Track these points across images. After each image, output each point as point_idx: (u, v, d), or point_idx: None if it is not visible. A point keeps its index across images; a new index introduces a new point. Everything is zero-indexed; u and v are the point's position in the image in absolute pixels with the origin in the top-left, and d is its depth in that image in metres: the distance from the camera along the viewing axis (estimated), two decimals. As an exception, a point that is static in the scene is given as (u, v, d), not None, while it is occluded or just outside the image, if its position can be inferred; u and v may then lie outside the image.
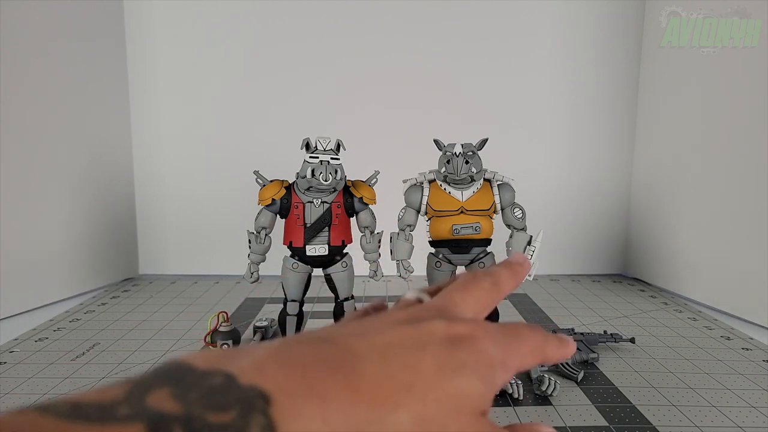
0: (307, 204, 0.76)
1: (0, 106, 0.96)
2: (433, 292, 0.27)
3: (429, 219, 0.79)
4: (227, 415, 0.16)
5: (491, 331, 0.23)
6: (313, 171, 0.73)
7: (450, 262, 0.79)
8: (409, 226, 0.80)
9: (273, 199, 0.77)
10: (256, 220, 0.79)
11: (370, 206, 0.81)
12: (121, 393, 0.16)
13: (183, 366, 0.18)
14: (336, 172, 0.74)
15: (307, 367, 0.19)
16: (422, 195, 0.78)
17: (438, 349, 0.21)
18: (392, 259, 0.81)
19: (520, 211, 0.79)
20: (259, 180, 0.78)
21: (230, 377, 0.17)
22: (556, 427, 0.59)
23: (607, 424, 0.60)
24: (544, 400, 0.66)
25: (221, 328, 0.81)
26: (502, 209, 0.78)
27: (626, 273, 1.37)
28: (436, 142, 0.78)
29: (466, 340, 0.22)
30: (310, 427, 0.17)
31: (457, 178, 0.74)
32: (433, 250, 0.80)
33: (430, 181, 0.79)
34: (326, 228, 0.77)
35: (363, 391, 0.19)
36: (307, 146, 0.75)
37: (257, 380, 0.17)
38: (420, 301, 0.26)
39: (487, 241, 0.79)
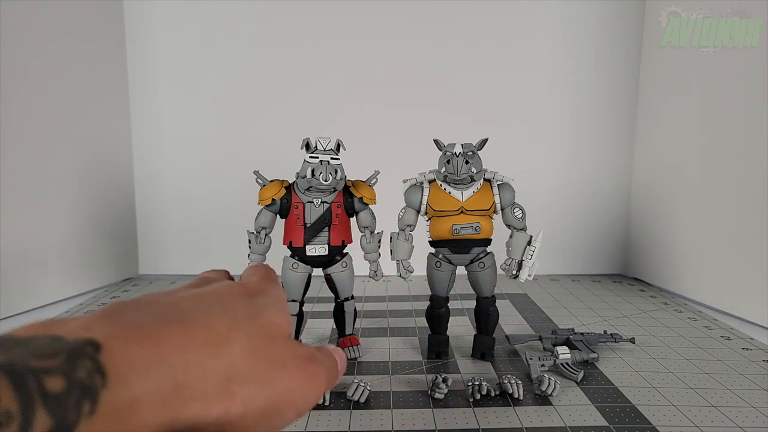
0: (307, 204, 0.76)
1: (0, 105, 0.96)
2: None
3: (429, 219, 0.79)
4: (52, 361, 0.16)
5: (262, 281, 0.29)
6: (313, 171, 0.73)
7: (450, 262, 0.79)
8: (409, 226, 0.80)
9: (273, 199, 0.77)
10: (256, 220, 0.79)
11: (370, 206, 0.81)
12: None
13: (6, 336, 0.18)
14: (336, 172, 0.74)
15: (139, 320, 0.20)
16: (422, 195, 0.78)
17: (242, 300, 0.25)
18: (392, 259, 0.81)
19: (520, 211, 0.78)
20: (259, 180, 0.78)
21: (56, 338, 0.17)
22: (556, 427, 0.59)
23: (607, 424, 0.60)
24: (544, 400, 0.66)
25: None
26: (502, 209, 0.78)
27: (626, 273, 1.37)
28: (436, 142, 0.78)
29: (258, 291, 0.27)
30: (146, 367, 0.18)
31: (457, 178, 0.74)
32: (433, 250, 0.80)
33: (430, 181, 0.79)
34: (326, 228, 0.77)
35: (196, 333, 0.21)
36: (307, 146, 0.75)
37: (86, 335, 0.18)
38: None
39: (487, 241, 0.79)
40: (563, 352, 0.74)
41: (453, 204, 0.76)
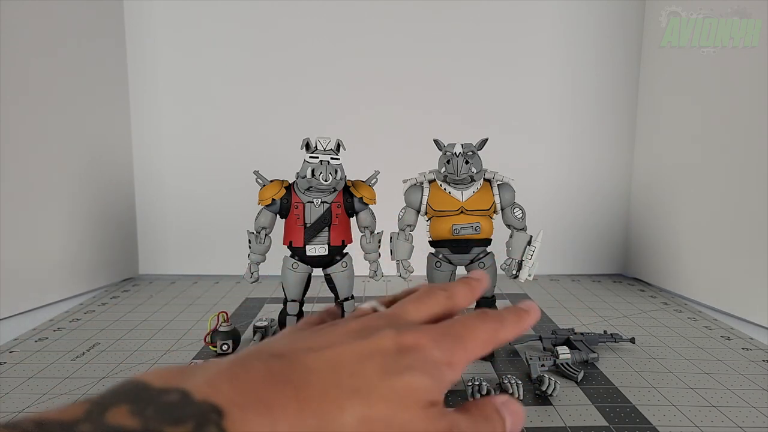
0: (307, 204, 0.76)
1: (0, 106, 0.96)
2: (388, 303, 0.29)
3: (429, 219, 0.79)
4: (183, 428, 0.17)
5: (437, 336, 0.25)
6: (313, 171, 0.73)
7: (450, 262, 0.79)
8: (409, 226, 0.80)
9: (273, 199, 0.77)
10: (256, 220, 0.79)
11: (370, 206, 0.81)
12: (81, 411, 0.17)
13: (140, 384, 0.18)
14: (336, 172, 0.74)
15: (258, 381, 0.20)
16: (422, 195, 0.78)
17: (385, 358, 0.23)
18: (392, 259, 0.81)
19: (520, 211, 0.78)
20: (259, 180, 0.78)
21: (185, 393, 0.18)
22: (556, 428, 0.59)
23: (607, 424, 0.60)
24: (544, 400, 0.66)
25: (221, 328, 0.81)
26: (502, 209, 0.78)
27: (626, 273, 1.37)
28: (436, 142, 0.78)
29: (412, 348, 0.23)
30: None
31: (457, 178, 0.74)
32: (433, 250, 0.80)
33: (430, 181, 0.79)
34: (326, 228, 0.77)
35: (310, 400, 0.20)
36: (307, 146, 0.75)
37: (211, 395, 0.18)
38: (374, 310, 0.28)
39: (487, 241, 0.79)
40: (563, 352, 0.74)
41: (453, 204, 0.76)
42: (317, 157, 0.74)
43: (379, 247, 0.82)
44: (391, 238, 0.80)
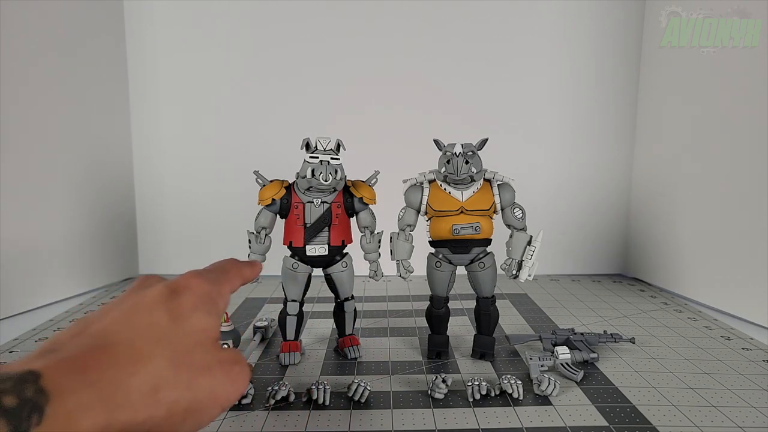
0: (307, 204, 0.76)
1: (0, 106, 0.96)
2: None
3: (429, 219, 0.79)
4: (5, 384, 0.20)
5: (202, 273, 0.31)
6: (313, 171, 0.73)
7: (450, 262, 0.79)
8: (409, 226, 0.80)
9: (273, 199, 0.77)
10: (256, 220, 0.79)
11: (370, 206, 0.81)
12: None
13: None
14: (336, 172, 0.74)
15: (69, 351, 0.24)
16: (422, 195, 0.78)
17: (167, 304, 0.28)
18: (392, 259, 0.81)
19: (520, 211, 0.78)
20: (259, 180, 0.78)
21: (3, 371, 0.22)
22: (556, 428, 0.59)
23: (607, 424, 0.60)
24: (544, 400, 0.66)
25: (221, 328, 0.81)
26: (502, 209, 0.78)
27: (626, 273, 1.37)
28: (436, 142, 0.78)
29: (185, 288, 0.29)
30: (75, 388, 0.22)
31: (457, 178, 0.74)
32: (433, 250, 0.80)
33: (430, 181, 0.79)
34: (326, 228, 0.77)
35: (120, 354, 0.25)
36: (307, 146, 0.75)
37: (26, 365, 0.22)
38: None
39: (487, 241, 0.79)
40: (563, 352, 0.74)
41: (453, 204, 0.76)
42: (317, 157, 0.74)
43: (379, 247, 0.82)
44: (391, 238, 0.80)
